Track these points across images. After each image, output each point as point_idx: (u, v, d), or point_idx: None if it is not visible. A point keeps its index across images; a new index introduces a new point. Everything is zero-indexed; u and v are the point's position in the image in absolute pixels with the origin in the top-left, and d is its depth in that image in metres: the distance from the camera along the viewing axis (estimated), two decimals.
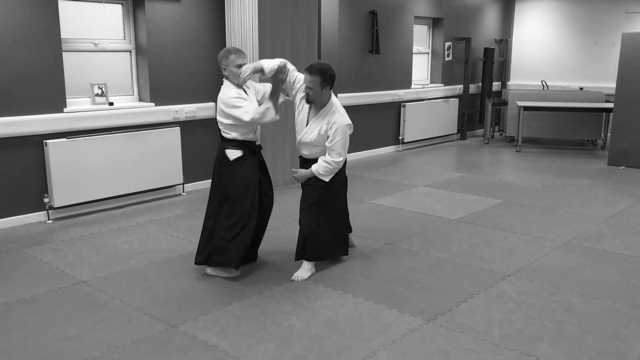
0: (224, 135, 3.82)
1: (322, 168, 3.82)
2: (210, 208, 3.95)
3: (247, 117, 3.64)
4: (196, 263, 3.95)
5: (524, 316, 3.33)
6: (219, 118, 3.80)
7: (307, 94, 3.78)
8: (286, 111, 6.26)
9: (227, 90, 3.71)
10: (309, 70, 3.75)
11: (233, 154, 3.78)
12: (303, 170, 3.93)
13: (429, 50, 9.70)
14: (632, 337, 3.08)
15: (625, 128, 7.65)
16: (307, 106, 3.87)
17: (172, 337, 3.06)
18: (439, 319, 3.29)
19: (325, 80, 3.73)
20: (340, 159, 3.83)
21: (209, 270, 3.92)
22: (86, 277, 3.87)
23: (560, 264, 4.14)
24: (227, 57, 3.72)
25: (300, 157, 4.07)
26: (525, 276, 3.92)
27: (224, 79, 3.80)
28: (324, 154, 3.86)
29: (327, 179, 3.86)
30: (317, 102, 3.82)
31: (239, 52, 3.78)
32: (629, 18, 9.68)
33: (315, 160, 3.88)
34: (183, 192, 6.14)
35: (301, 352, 2.92)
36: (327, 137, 3.80)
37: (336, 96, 4.00)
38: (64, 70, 5.16)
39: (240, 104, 3.66)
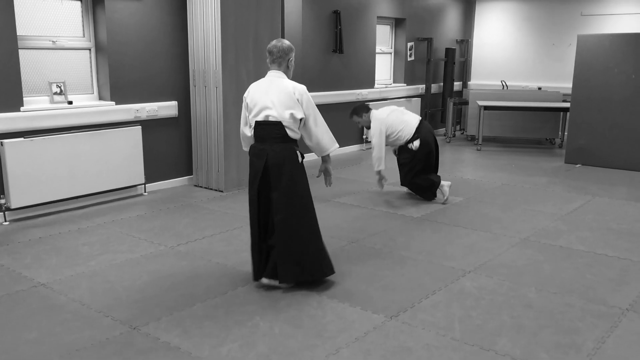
0: (292, 135, 3.58)
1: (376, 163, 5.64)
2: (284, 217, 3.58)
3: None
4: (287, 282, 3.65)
5: (483, 312, 3.40)
6: (294, 113, 3.54)
7: (360, 128, 6.46)
8: None
9: (298, 85, 3.60)
10: (350, 116, 5.84)
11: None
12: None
13: (392, 50, 9.79)
14: (586, 330, 3.18)
15: (581, 127, 7.87)
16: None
17: (134, 339, 3.03)
18: (401, 315, 3.34)
19: (358, 113, 5.78)
20: (373, 141, 5.65)
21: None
22: (45, 279, 3.79)
23: (518, 260, 4.25)
24: (294, 50, 3.68)
25: None
26: (485, 272, 4.00)
27: (279, 71, 3.62)
28: (392, 146, 5.93)
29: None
30: (368, 125, 5.76)
31: None
32: (584, 20, 9.97)
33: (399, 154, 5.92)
34: (145, 192, 6.05)
35: (265, 351, 2.93)
36: None
37: None
38: (21, 68, 5.04)
39: None
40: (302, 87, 3.61)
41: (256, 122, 3.58)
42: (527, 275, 3.97)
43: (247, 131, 3.74)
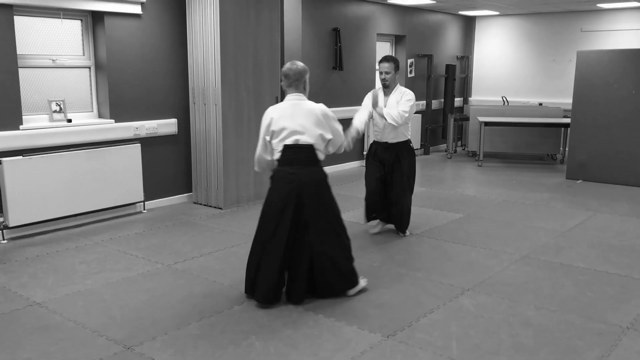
0: (320, 156, 3.67)
1: (391, 111, 4.88)
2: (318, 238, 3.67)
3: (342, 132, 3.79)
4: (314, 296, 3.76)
5: (481, 330, 3.36)
6: (323, 133, 3.63)
7: (384, 79, 4.93)
8: (249, 126, 6.26)
9: (320, 105, 3.71)
10: (385, 59, 4.92)
11: None
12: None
13: None
14: (585, 349, 3.14)
15: (581, 142, 7.86)
16: (380, 99, 5.03)
17: (127, 359, 3.00)
18: (398, 334, 3.30)
19: (396, 65, 4.94)
20: (407, 108, 4.88)
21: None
22: (40, 298, 3.77)
23: (518, 278, 4.21)
24: (308, 71, 3.74)
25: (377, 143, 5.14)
26: (484, 290, 3.96)
27: (297, 94, 3.67)
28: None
29: (388, 119, 4.86)
30: (390, 86, 4.97)
31: None
32: (584, 36, 9.99)
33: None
34: (144, 209, 6.04)
35: None
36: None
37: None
38: (20, 87, 5.06)
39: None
40: (323, 107, 3.70)
41: (285, 145, 3.59)
42: (527, 292, 3.93)
43: (267, 156, 3.75)
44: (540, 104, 10.08)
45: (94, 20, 5.63)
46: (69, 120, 5.44)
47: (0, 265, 4.40)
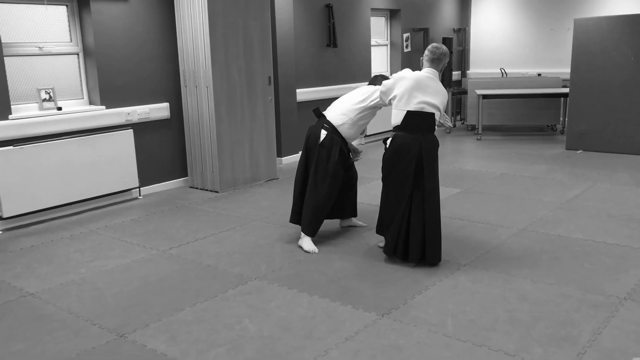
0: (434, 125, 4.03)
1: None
2: None
3: None
4: None
5: (477, 306, 3.33)
6: (441, 109, 3.97)
7: None
8: (242, 108, 6.18)
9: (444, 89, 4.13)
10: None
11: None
12: None
13: (388, 42, 9.70)
14: (582, 322, 3.10)
15: (581, 112, 7.76)
16: None
17: (120, 347, 2.98)
18: (393, 313, 3.27)
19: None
20: None
21: None
22: (34, 289, 3.75)
23: (515, 252, 4.16)
24: (448, 57, 4.07)
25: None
26: (481, 265, 3.93)
27: (435, 71, 3.99)
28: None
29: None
30: None
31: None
32: (582, 3, 9.82)
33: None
34: (140, 195, 6.01)
35: (252, 355, 2.87)
36: None
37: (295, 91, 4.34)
38: (7, 76, 5.00)
39: None
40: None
41: (409, 111, 3.84)
42: (524, 266, 3.89)
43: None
44: (539, 75, 9.95)
45: (80, 5, 5.53)
46: (59, 108, 5.39)
47: None
